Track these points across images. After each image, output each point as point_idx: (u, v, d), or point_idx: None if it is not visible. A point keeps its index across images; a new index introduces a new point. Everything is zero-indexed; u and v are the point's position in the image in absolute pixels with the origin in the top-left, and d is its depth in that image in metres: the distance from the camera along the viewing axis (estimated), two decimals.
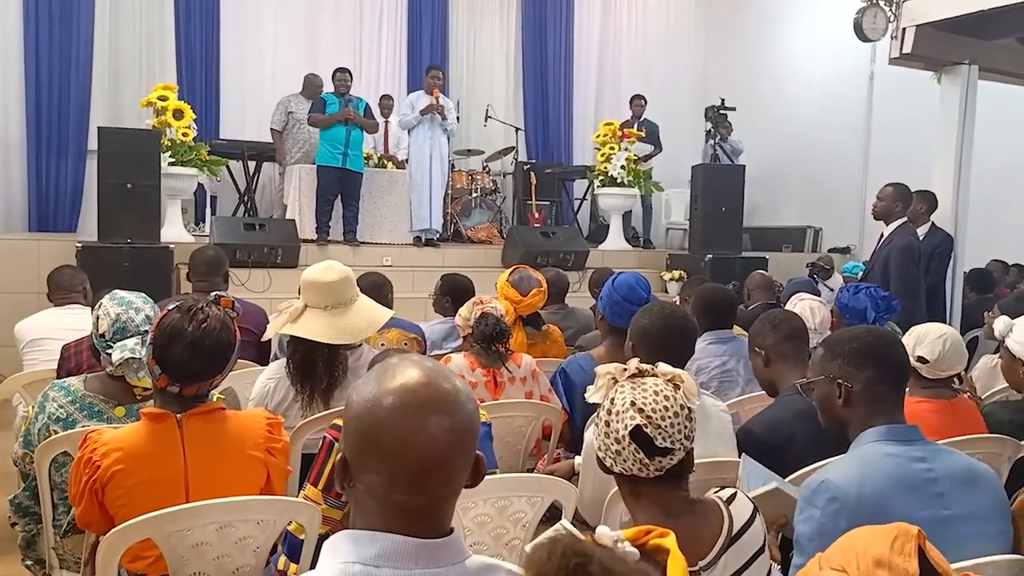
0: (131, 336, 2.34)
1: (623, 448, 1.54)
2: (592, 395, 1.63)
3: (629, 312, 3.14)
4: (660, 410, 1.53)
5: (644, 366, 1.62)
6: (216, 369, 2.06)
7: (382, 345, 3.61)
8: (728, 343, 3.50)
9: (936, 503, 1.78)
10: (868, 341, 1.99)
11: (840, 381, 1.97)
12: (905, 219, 5.31)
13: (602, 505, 2.14)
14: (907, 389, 2.82)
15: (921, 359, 2.71)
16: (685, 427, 1.55)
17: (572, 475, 2.71)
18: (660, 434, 1.52)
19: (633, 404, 1.54)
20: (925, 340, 2.74)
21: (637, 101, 9.87)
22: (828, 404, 2.01)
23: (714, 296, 3.65)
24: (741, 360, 3.46)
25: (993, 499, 1.86)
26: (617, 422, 1.54)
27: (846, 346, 2.00)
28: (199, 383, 2.04)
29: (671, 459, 1.54)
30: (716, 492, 1.66)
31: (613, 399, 1.58)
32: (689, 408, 1.56)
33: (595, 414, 1.64)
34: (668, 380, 1.59)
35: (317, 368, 2.68)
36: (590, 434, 2.37)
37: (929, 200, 5.84)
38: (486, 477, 1.96)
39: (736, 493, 1.66)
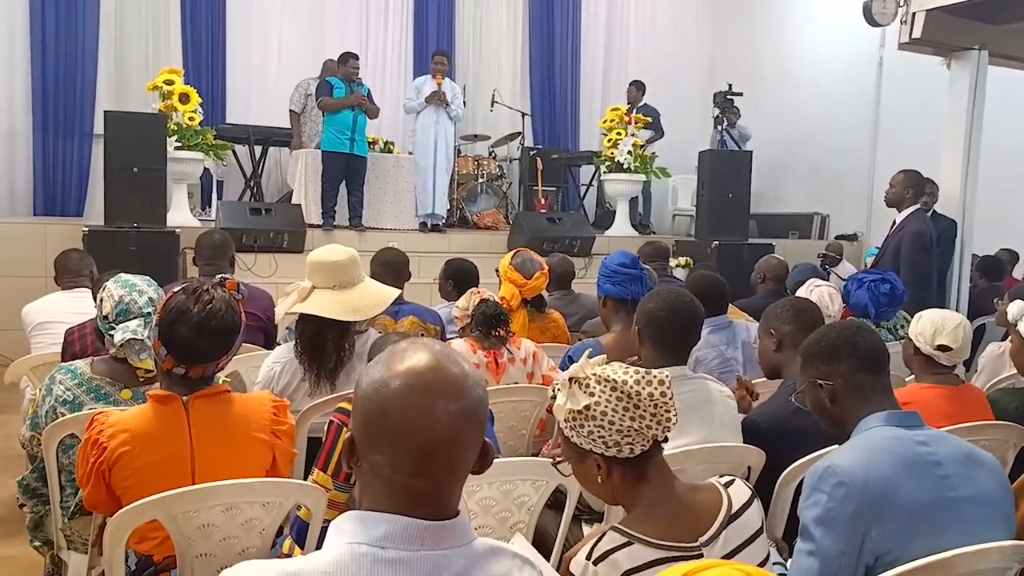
0: (134, 318, 2.34)
1: (643, 417, 1.57)
2: (575, 402, 1.60)
3: (628, 277, 3.18)
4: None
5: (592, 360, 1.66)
6: (222, 350, 2.06)
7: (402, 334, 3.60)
8: (724, 330, 3.48)
9: (942, 485, 1.78)
10: (833, 337, 2.06)
11: (821, 382, 2.01)
12: (917, 206, 5.30)
13: None
14: (915, 375, 2.87)
15: (943, 347, 2.73)
16: None
17: None
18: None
19: (644, 372, 1.59)
20: (945, 329, 2.75)
21: (632, 87, 9.79)
22: (820, 407, 2.05)
23: (704, 283, 3.61)
24: (739, 347, 3.45)
25: (996, 482, 1.87)
26: (642, 389, 1.57)
27: (815, 348, 2.07)
28: (205, 364, 2.04)
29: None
30: (715, 479, 1.70)
31: (613, 383, 1.58)
32: None
33: (578, 417, 1.60)
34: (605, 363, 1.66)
35: (326, 347, 2.69)
36: None
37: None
38: None
39: (735, 479, 1.69)
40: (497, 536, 2.13)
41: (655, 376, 1.58)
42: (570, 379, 1.62)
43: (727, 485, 1.66)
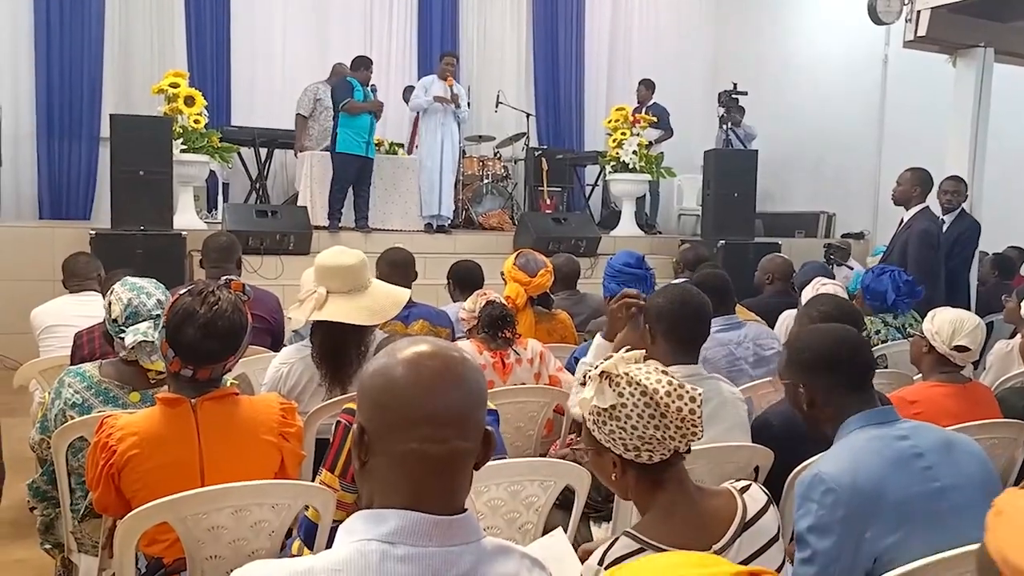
0: (143, 320, 2.35)
1: (668, 428, 1.53)
2: (602, 399, 1.57)
3: (634, 276, 3.19)
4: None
5: (627, 355, 1.62)
6: (229, 351, 2.07)
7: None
8: (735, 330, 3.47)
9: (926, 477, 1.81)
10: (822, 350, 2.02)
11: (800, 387, 2.01)
12: (925, 204, 5.28)
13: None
14: (922, 374, 2.86)
15: (961, 348, 2.72)
16: None
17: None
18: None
19: (677, 384, 1.55)
20: (964, 329, 2.74)
21: (641, 86, 9.79)
22: (798, 406, 2.06)
23: (710, 281, 3.59)
24: (749, 347, 3.45)
25: (976, 463, 1.89)
26: (672, 402, 1.53)
27: (801, 354, 2.05)
28: (212, 365, 2.05)
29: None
30: (731, 483, 1.67)
31: (644, 388, 1.54)
32: None
33: (603, 414, 1.57)
34: (641, 360, 1.62)
35: (348, 352, 2.67)
36: None
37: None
38: (498, 462, 1.95)
39: (750, 485, 1.67)
40: (505, 537, 2.13)
41: (688, 391, 1.55)
42: (601, 373, 1.59)
43: (743, 491, 1.63)
